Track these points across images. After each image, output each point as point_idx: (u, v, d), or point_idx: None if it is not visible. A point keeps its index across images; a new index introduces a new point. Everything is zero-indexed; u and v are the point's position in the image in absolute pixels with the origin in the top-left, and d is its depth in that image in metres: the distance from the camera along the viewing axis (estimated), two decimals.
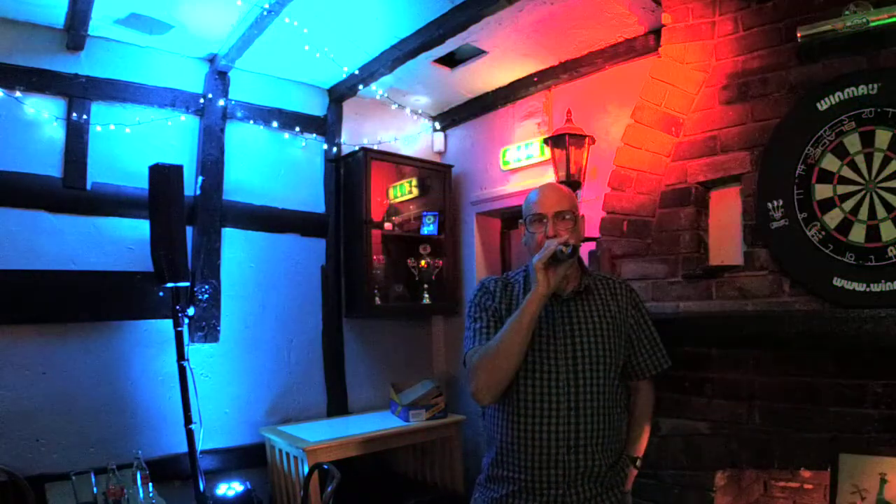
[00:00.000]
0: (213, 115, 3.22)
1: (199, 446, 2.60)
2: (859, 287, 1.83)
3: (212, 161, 3.21)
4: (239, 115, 3.34)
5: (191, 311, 3.05)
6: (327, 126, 3.69)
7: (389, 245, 3.84)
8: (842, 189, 1.91)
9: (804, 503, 2.15)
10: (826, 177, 1.94)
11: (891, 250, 1.79)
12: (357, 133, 3.80)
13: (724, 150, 2.20)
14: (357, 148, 3.61)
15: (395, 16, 2.88)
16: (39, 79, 2.74)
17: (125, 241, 2.94)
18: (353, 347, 3.72)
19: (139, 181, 2.79)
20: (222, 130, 3.26)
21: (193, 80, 3.21)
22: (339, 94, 3.67)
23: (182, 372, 2.57)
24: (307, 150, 3.63)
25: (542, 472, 1.54)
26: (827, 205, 1.93)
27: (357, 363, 3.72)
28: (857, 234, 1.86)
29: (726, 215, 2.25)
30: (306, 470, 2.66)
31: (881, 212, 1.83)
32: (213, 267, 3.19)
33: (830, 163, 1.94)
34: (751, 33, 2.18)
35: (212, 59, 3.23)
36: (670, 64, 2.38)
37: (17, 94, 2.69)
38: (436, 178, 3.93)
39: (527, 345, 1.51)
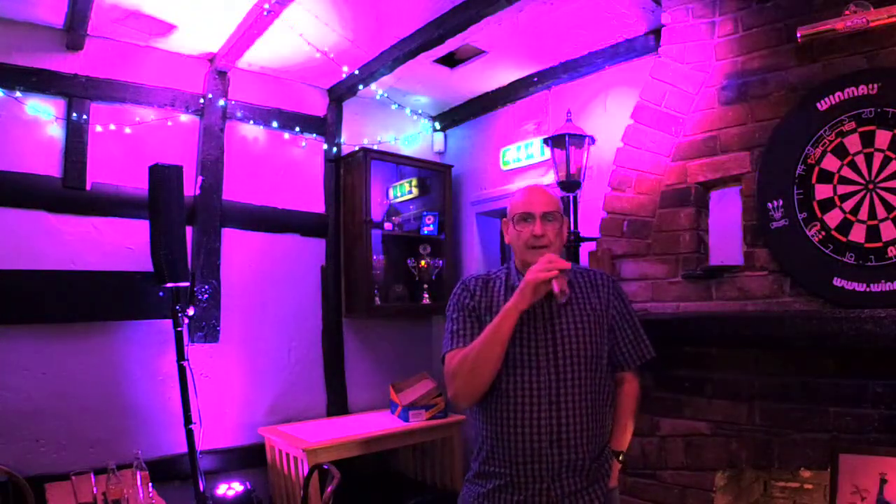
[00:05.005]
0: (212, 114, 3.22)
1: (199, 446, 2.60)
2: (859, 287, 1.83)
3: (212, 161, 3.21)
4: (239, 114, 3.34)
5: (191, 311, 3.05)
6: (327, 126, 3.69)
7: (389, 245, 3.85)
8: (842, 189, 1.91)
9: (804, 503, 2.16)
10: (826, 177, 1.94)
11: (891, 250, 1.79)
12: (357, 133, 3.80)
13: (724, 150, 2.19)
14: (357, 148, 3.61)
15: (394, 15, 2.88)
16: (39, 79, 2.74)
17: (125, 241, 2.94)
18: (353, 347, 3.72)
19: (139, 181, 2.79)
20: (222, 130, 3.26)
21: (193, 80, 3.21)
22: (339, 94, 3.67)
23: (182, 372, 2.57)
24: (307, 150, 3.62)
25: (527, 466, 1.55)
26: (827, 205, 1.93)
27: (357, 363, 3.72)
28: (857, 234, 1.86)
29: (726, 215, 2.25)
30: (306, 470, 2.66)
31: (881, 212, 1.83)
32: (213, 267, 3.19)
33: (830, 163, 1.94)
34: (751, 33, 2.18)
35: (212, 59, 3.23)
36: (670, 64, 2.38)
37: (17, 94, 2.69)
38: (436, 178, 3.93)
39: (503, 353, 1.53)
